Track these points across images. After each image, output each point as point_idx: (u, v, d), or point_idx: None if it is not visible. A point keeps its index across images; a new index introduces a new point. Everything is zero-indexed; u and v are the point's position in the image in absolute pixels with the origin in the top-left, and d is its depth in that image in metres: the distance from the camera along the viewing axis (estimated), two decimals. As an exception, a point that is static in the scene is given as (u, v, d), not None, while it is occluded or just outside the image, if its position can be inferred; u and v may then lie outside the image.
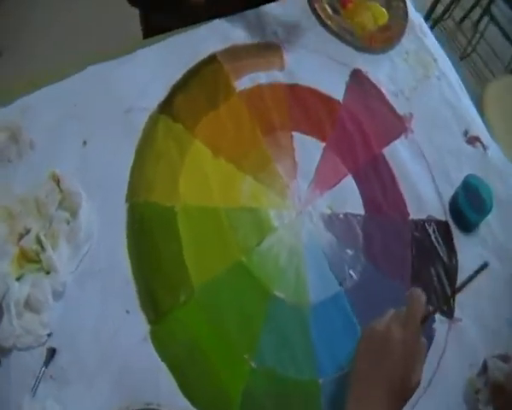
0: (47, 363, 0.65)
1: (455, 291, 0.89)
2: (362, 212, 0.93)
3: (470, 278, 0.73)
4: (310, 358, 0.78)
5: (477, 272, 0.72)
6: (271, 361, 0.75)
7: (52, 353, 0.66)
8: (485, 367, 0.83)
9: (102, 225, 0.76)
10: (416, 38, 1.19)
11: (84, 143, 0.81)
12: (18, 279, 0.68)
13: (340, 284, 0.85)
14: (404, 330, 0.67)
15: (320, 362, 0.78)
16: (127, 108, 0.86)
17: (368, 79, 1.08)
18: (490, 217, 0.99)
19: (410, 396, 0.67)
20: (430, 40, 1.21)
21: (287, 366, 0.76)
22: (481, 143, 1.09)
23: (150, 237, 0.78)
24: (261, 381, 0.74)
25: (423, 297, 0.70)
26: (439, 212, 0.99)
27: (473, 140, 1.09)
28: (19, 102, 0.82)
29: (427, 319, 0.72)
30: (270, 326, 0.77)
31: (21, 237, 0.70)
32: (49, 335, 0.67)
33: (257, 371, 0.74)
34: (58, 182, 0.74)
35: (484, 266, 0.72)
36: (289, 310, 0.80)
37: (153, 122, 0.87)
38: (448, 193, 1.00)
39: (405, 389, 0.66)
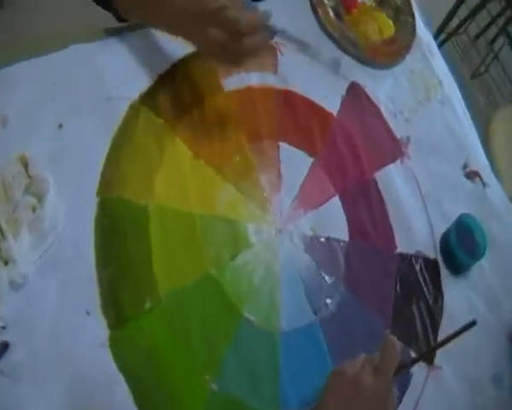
0: (-2, 357, 0.70)
1: (435, 347, 0.96)
2: (346, 238, 1.00)
3: (454, 335, 0.79)
4: (275, 389, 0.84)
5: (463, 329, 0.78)
6: (233, 387, 0.81)
7: (5, 347, 0.71)
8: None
9: (70, 217, 0.80)
10: (423, 57, 1.27)
11: (60, 125, 0.85)
12: (-27, 266, 0.73)
13: (315, 313, 0.91)
14: (376, 378, 0.74)
15: (285, 395, 0.84)
16: (108, 95, 0.90)
17: (366, 95, 1.16)
18: (483, 260, 1.06)
19: None
20: (437, 61, 1.29)
21: (249, 394, 0.82)
22: (481, 179, 1.18)
23: (120, 235, 0.83)
24: (221, 406, 0.80)
25: (399, 346, 0.75)
26: (429, 248, 1.06)
27: (472, 175, 1.18)
28: (-6, 73, 0.84)
29: (401, 372, 0.77)
30: (235, 349, 0.84)
31: (-18, 220, 0.75)
32: (3, 327, 0.71)
33: (217, 394, 0.79)
34: (26, 166, 0.80)
35: (472, 324, 0.78)
36: (258, 334, 0.86)
37: (133, 112, 0.91)
38: (440, 228, 1.08)
39: None
